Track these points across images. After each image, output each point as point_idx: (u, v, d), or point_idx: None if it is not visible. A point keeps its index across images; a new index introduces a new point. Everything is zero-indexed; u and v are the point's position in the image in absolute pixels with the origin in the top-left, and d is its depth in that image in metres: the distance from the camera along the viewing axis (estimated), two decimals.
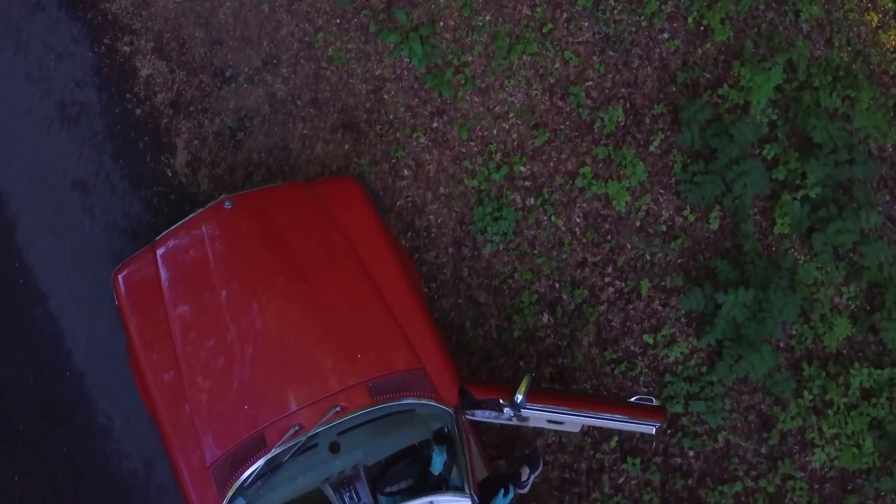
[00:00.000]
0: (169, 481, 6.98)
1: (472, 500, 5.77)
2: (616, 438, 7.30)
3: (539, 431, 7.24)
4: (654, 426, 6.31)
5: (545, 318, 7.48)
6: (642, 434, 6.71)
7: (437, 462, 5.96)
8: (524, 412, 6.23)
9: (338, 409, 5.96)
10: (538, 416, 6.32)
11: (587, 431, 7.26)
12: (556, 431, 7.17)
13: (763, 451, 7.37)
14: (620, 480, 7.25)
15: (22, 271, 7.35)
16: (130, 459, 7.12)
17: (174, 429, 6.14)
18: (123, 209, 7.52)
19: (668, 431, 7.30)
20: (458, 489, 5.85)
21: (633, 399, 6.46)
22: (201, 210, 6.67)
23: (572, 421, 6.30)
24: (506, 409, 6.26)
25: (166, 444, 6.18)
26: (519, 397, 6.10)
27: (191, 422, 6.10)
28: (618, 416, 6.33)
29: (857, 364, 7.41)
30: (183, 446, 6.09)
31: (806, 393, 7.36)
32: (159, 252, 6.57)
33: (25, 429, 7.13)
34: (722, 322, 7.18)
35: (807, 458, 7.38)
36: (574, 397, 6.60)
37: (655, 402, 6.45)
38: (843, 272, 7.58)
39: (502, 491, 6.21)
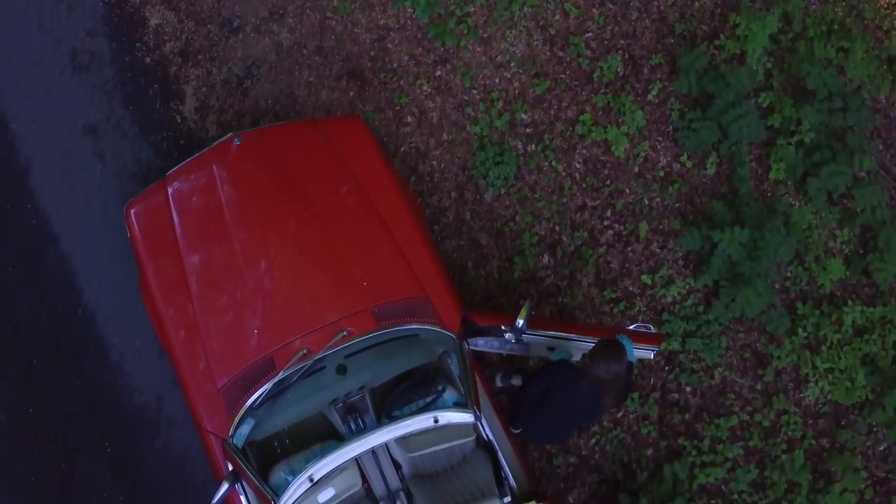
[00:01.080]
0: (179, 414, 7.13)
1: (475, 415, 5.93)
2: None
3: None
4: (653, 350, 6.47)
5: (545, 259, 7.63)
6: (641, 359, 6.85)
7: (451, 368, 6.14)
8: (525, 338, 6.37)
9: (344, 333, 6.13)
10: (538, 342, 6.46)
11: None
12: None
13: (758, 387, 7.52)
14: (619, 415, 7.39)
15: (35, 212, 7.50)
16: (141, 393, 7.26)
17: (185, 353, 6.29)
18: (133, 153, 7.67)
19: (666, 368, 7.46)
20: (461, 406, 6.01)
21: (631, 327, 6.62)
22: (210, 147, 6.83)
23: (572, 347, 6.44)
24: (507, 335, 6.39)
25: (177, 368, 6.34)
26: (520, 322, 6.23)
27: (202, 346, 6.25)
28: None
29: (850, 302, 7.57)
30: (194, 369, 6.24)
31: (800, 330, 7.51)
32: (170, 189, 6.70)
33: (39, 363, 7.27)
34: (718, 261, 7.34)
35: (801, 395, 7.53)
36: (574, 324, 6.75)
37: (653, 330, 6.61)
38: (836, 216, 7.72)
39: (625, 342, 6.16)
